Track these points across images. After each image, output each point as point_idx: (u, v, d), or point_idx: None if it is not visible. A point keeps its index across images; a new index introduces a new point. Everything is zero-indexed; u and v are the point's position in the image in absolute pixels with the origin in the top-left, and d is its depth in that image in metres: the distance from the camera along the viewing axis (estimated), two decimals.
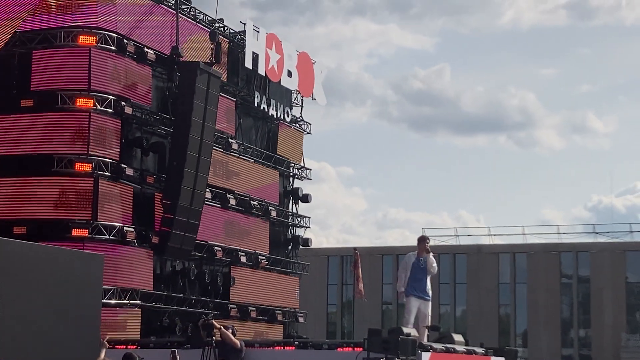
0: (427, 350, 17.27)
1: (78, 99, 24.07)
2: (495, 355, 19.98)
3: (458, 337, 19.99)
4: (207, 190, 26.64)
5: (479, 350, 20.11)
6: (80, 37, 24.38)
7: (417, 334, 17.40)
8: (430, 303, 18.91)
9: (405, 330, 17.15)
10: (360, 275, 23.05)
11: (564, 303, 53.03)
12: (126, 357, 12.37)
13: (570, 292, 52.91)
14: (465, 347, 19.65)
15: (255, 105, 30.64)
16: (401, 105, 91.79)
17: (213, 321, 17.21)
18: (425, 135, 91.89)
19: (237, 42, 30.00)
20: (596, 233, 54.83)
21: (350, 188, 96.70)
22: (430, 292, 18.82)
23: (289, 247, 33.20)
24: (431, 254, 18.76)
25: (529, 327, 52.97)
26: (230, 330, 16.80)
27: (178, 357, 14.10)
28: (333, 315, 57.20)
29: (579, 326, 52.70)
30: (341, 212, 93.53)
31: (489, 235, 56.12)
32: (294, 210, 33.45)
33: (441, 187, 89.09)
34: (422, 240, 18.90)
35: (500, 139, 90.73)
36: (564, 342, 52.57)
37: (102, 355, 10.83)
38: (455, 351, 18.66)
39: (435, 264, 18.85)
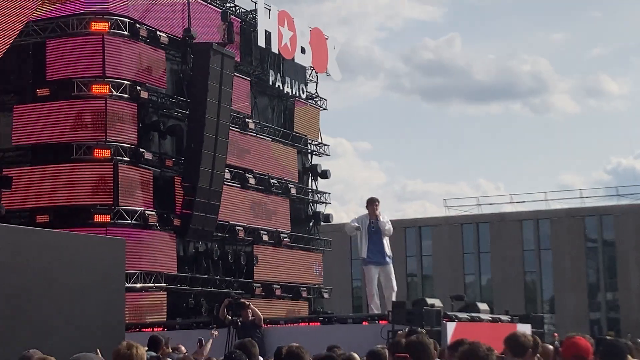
0: (452, 320, 17.30)
1: (94, 86, 24.19)
2: (521, 322, 19.97)
3: (483, 306, 20.02)
4: (226, 170, 26.71)
5: (505, 317, 20.13)
6: (93, 23, 24.45)
7: (441, 305, 17.43)
8: (391, 266, 18.58)
9: (430, 301, 17.19)
10: None
11: (589, 267, 52.85)
12: (152, 340, 12.49)
13: (596, 256, 52.71)
14: (490, 315, 19.67)
15: (270, 83, 30.62)
16: (413, 76, 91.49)
17: (243, 300, 17.29)
18: (439, 105, 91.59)
19: (249, 21, 29.94)
20: (619, 196, 54.55)
21: (368, 162, 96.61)
22: (390, 254, 18.54)
23: (310, 224, 33.25)
24: (382, 215, 18.40)
25: (555, 293, 52.86)
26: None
27: (208, 344, 14.12)
28: (358, 289, 57.29)
29: (605, 290, 52.54)
30: (359, 186, 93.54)
31: (511, 202, 55.98)
32: (314, 187, 33.49)
33: (458, 157, 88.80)
34: (372, 202, 18.37)
35: (514, 106, 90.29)
36: (591, 306, 52.46)
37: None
38: (480, 320, 18.69)
39: (389, 225, 18.42)
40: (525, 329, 17.79)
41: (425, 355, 7.34)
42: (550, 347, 12.11)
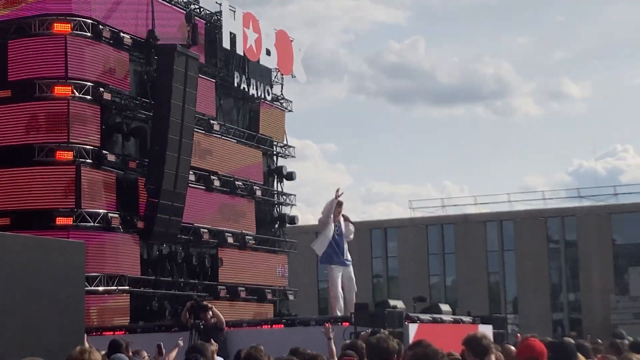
0: (414, 322, 17.40)
1: (56, 87, 24.00)
2: (482, 323, 20.14)
3: (445, 307, 20.16)
4: (191, 172, 26.63)
5: (466, 319, 20.28)
6: (55, 24, 24.26)
7: (403, 306, 17.53)
8: (352, 267, 18.81)
9: (392, 302, 17.28)
10: None
11: (552, 268, 53.32)
12: (112, 344, 12.43)
13: (558, 257, 53.20)
14: (452, 317, 19.81)
15: (235, 85, 30.58)
16: (378, 79, 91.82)
17: (206, 302, 17.28)
18: (404, 107, 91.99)
19: (213, 22, 29.88)
20: (581, 197, 55.13)
21: (334, 164, 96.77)
22: (349, 257, 18.73)
23: (276, 226, 33.25)
24: (343, 218, 18.58)
25: (518, 294, 53.28)
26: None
27: (164, 351, 14.11)
28: (324, 291, 57.31)
29: (568, 290, 53.04)
30: (326, 188, 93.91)
31: (475, 204, 56.37)
32: (279, 189, 33.49)
33: (423, 159, 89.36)
34: (338, 205, 18.55)
35: (478, 109, 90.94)
36: (554, 306, 52.93)
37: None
38: (442, 321, 18.81)
39: (352, 228, 18.77)
40: (486, 330, 17.95)
41: (384, 357, 7.39)
42: (513, 347, 12.24)
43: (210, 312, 16.67)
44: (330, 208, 18.43)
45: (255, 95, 31.66)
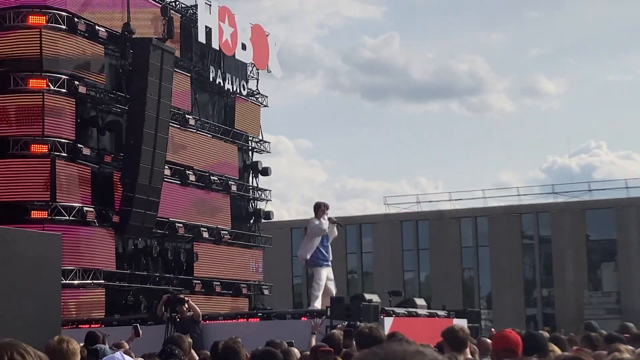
0: (390, 315, 17.48)
1: (31, 80, 23.87)
2: (457, 317, 20.25)
3: (420, 301, 20.26)
4: (166, 167, 26.58)
5: (441, 313, 20.40)
6: (30, 17, 24.12)
7: (379, 300, 17.62)
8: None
9: (368, 296, 17.36)
10: None
11: (526, 264, 53.71)
12: (89, 336, 12.41)
13: (532, 253, 53.60)
14: (427, 311, 19.92)
15: (211, 79, 30.54)
16: (352, 75, 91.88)
17: (182, 295, 17.26)
18: (379, 104, 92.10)
19: (189, 16, 29.82)
20: (555, 193, 55.55)
21: (309, 160, 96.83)
22: (331, 257, 18.96)
23: (251, 221, 33.26)
24: (330, 221, 18.76)
25: (492, 289, 53.63)
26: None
27: (141, 332, 14.15)
28: (299, 287, 57.44)
29: (541, 286, 53.46)
30: (300, 184, 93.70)
31: (450, 200, 56.62)
32: (254, 184, 33.49)
33: (398, 156, 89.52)
34: (323, 206, 18.74)
35: (453, 105, 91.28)
36: (527, 302, 53.32)
37: None
38: (417, 315, 18.92)
39: (337, 230, 18.99)
40: (461, 323, 18.04)
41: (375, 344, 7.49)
42: (489, 340, 12.34)
43: (187, 305, 16.66)
44: (322, 231, 18.46)
45: (231, 90, 31.63)
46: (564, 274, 51.96)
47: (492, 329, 29.01)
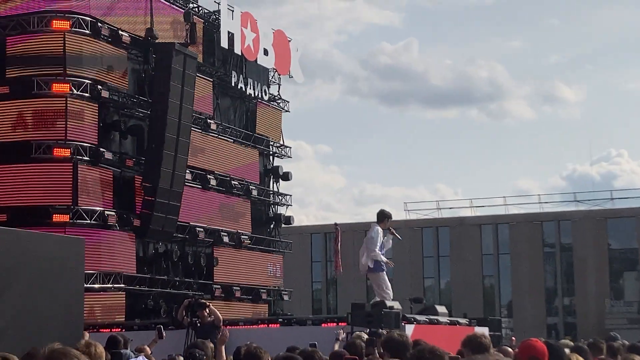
0: (411, 322, 17.40)
1: (54, 85, 23.98)
2: (478, 325, 20.15)
3: (441, 309, 20.17)
4: (187, 171, 26.62)
5: (462, 320, 20.29)
6: (54, 22, 24.24)
7: (400, 307, 17.54)
8: None
9: (389, 303, 17.29)
10: (339, 250, 23.09)
11: (547, 272, 53.39)
12: (110, 340, 12.39)
13: (554, 261, 53.25)
14: (448, 318, 19.82)
15: (233, 84, 30.59)
16: (371, 81, 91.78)
17: (203, 300, 17.25)
18: (397, 110, 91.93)
19: (211, 21, 29.89)
20: (577, 202, 55.19)
21: (328, 165, 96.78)
22: None
23: (271, 226, 33.24)
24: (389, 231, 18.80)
25: (513, 297, 53.32)
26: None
27: (164, 334, 14.14)
28: (318, 292, 57.36)
29: (563, 295, 53.09)
30: (319, 189, 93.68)
31: (470, 207, 56.39)
32: (275, 189, 33.48)
33: (417, 162, 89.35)
34: (387, 219, 18.78)
35: (471, 112, 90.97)
36: (548, 310, 52.98)
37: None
38: (438, 322, 18.82)
39: (391, 241, 18.99)
40: (482, 331, 17.93)
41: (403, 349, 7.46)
42: (510, 349, 12.23)
43: (208, 310, 16.64)
44: (374, 245, 18.42)
45: (253, 95, 31.66)
46: (585, 282, 51.60)
47: (513, 338, 28.85)
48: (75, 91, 23.96)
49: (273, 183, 33.46)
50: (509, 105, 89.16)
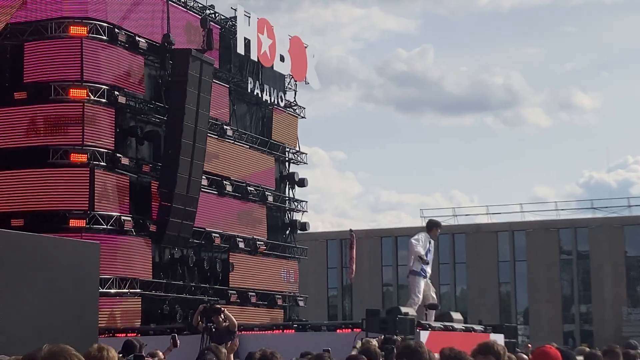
0: (426, 329, 17.36)
1: (71, 90, 24.10)
2: (494, 332, 20.07)
3: (456, 315, 20.09)
4: (203, 177, 26.69)
5: (478, 327, 20.21)
6: (72, 27, 24.38)
7: (415, 314, 17.50)
8: None
9: (404, 309, 17.24)
10: (354, 257, 23.05)
11: (564, 279, 53.17)
12: (126, 344, 12.44)
13: (570, 268, 53.03)
14: (463, 325, 19.75)
15: (249, 91, 30.65)
16: (386, 87, 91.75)
17: (218, 305, 17.26)
18: (412, 116, 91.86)
19: (228, 28, 29.97)
20: (594, 209, 54.94)
21: (343, 172, 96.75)
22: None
23: (287, 232, 33.26)
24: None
25: (529, 305, 53.12)
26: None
27: (178, 342, 14.18)
28: (334, 298, 57.35)
29: (579, 302, 52.86)
30: (335, 196, 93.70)
31: (487, 214, 56.26)
32: (291, 195, 33.50)
33: (432, 168, 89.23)
34: (436, 228, 18.95)
35: (487, 119, 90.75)
36: (565, 318, 52.75)
37: None
38: (453, 329, 18.76)
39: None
40: (498, 339, 17.88)
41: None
42: (525, 356, 12.19)
43: (223, 315, 16.64)
44: (414, 253, 18.48)
45: (269, 101, 31.72)
46: (602, 290, 51.34)
47: (529, 345, 28.73)
48: (92, 97, 24.08)
49: (289, 189, 33.49)
50: (525, 113, 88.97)
